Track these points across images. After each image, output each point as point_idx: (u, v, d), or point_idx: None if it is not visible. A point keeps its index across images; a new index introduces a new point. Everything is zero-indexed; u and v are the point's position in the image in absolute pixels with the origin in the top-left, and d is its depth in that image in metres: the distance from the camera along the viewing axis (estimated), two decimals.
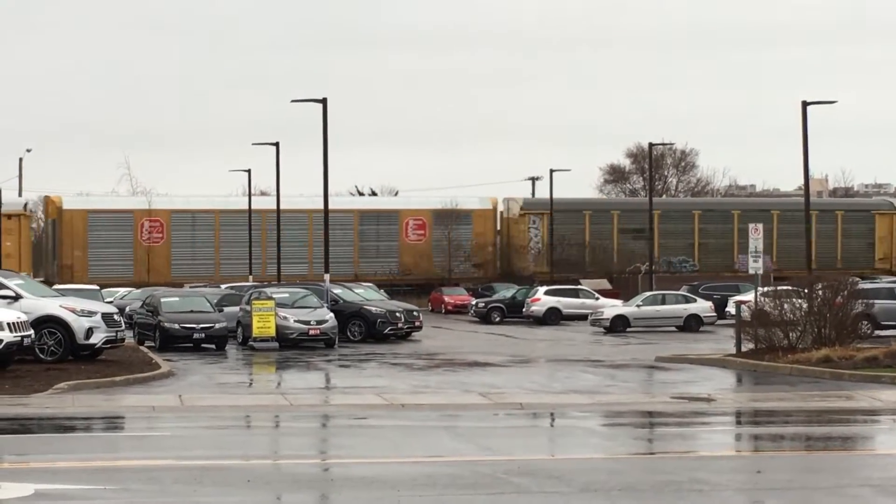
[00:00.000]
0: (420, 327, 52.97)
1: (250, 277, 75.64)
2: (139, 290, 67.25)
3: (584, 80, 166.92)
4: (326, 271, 55.42)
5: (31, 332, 32.32)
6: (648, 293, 63.54)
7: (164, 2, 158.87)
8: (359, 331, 50.40)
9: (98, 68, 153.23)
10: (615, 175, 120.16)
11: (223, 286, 64.97)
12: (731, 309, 54.61)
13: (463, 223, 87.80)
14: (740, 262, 75.45)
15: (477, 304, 71.14)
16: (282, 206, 73.01)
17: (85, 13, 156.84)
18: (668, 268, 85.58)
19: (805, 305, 37.83)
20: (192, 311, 46.18)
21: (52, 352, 34.62)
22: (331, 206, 57.56)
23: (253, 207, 79.25)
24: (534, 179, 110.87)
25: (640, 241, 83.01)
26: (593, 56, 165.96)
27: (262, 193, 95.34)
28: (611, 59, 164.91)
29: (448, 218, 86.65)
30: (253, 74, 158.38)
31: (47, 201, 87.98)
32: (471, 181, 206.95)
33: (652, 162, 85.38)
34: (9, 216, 75.01)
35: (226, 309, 49.43)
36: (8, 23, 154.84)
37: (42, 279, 74.29)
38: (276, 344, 45.84)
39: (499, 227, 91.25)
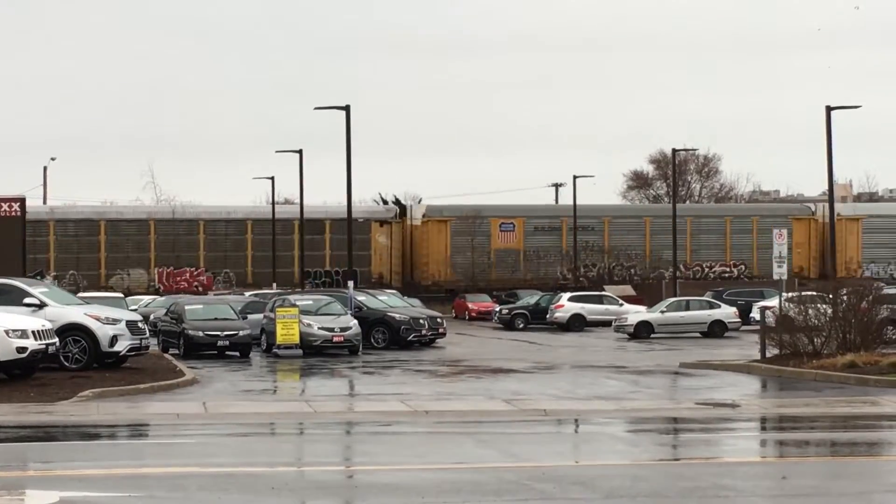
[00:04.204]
0: (444, 334, 52.96)
1: (274, 285, 75.75)
2: (163, 298, 67.45)
3: (609, 86, 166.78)
4: (349, 278, 55.45)
5: (56, 339, 32.38)
6: (672, 299, 63.53)
7: (186, 9, 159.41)
8: (383, 338, 50.41)
9: (120, 76, 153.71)
10: (638, 181, 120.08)
11: (248, 293, 65.04)
12: (755, 315, 54.50)
13: None
14: None
15: (501, 310, 71.13)
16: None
17: (106, 20, 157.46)
18: None
19: (830, 311, 37.72)
20: (216, 319, 46.27)
21: (76, 359, 34.68)
22: None
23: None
24: (557, 186, 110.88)
25: None
26: (618, 62, 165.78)
27: (287, 201, 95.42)
28: (634, 64, 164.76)
29: None
30: (277, 82, 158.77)
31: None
32: (495, 188, 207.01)
33: (675, 167, 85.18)
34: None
35: (250, 316, 49.53)
36: (30, 31, 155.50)
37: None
38: (300, 351, 45.87)
39: None
